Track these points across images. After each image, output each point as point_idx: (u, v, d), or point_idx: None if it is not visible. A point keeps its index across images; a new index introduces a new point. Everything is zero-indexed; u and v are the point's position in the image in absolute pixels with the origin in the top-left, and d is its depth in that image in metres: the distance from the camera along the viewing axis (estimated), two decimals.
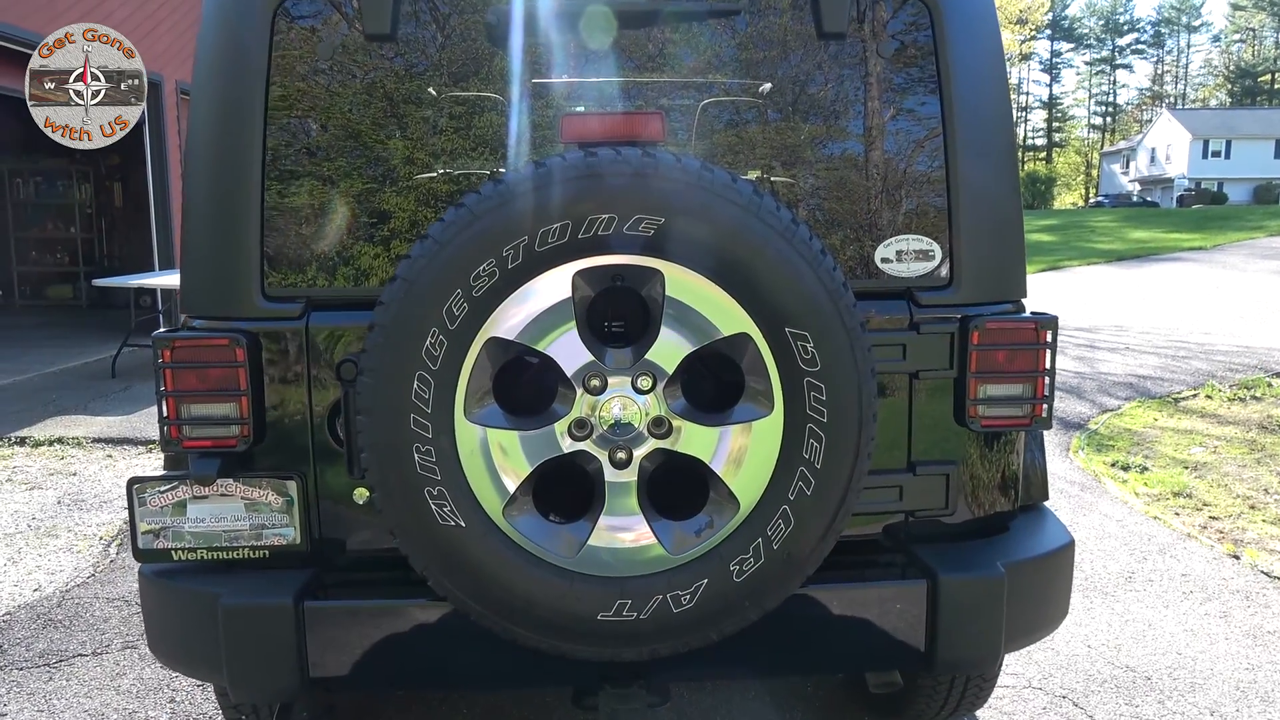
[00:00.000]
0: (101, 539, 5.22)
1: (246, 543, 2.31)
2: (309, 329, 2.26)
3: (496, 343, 1.94)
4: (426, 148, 2.33)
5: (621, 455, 2.00)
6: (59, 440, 7.26)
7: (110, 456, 6.91)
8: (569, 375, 1.97)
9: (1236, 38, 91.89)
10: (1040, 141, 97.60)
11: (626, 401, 1.98)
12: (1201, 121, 69.00)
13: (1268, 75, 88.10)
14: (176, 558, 2.31)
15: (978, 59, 2.36)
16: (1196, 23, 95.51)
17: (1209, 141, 66.38)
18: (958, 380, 2.35)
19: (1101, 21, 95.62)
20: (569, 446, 2.00)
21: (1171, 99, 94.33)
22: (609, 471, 2.00)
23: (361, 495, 2.27)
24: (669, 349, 1.97)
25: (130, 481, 2.32)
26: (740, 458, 1.99)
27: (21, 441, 7.28)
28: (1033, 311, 2.44)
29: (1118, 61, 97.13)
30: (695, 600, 1.99)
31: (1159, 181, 69.55)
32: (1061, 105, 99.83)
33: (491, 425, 1.97)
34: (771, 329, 1.93)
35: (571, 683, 2.33)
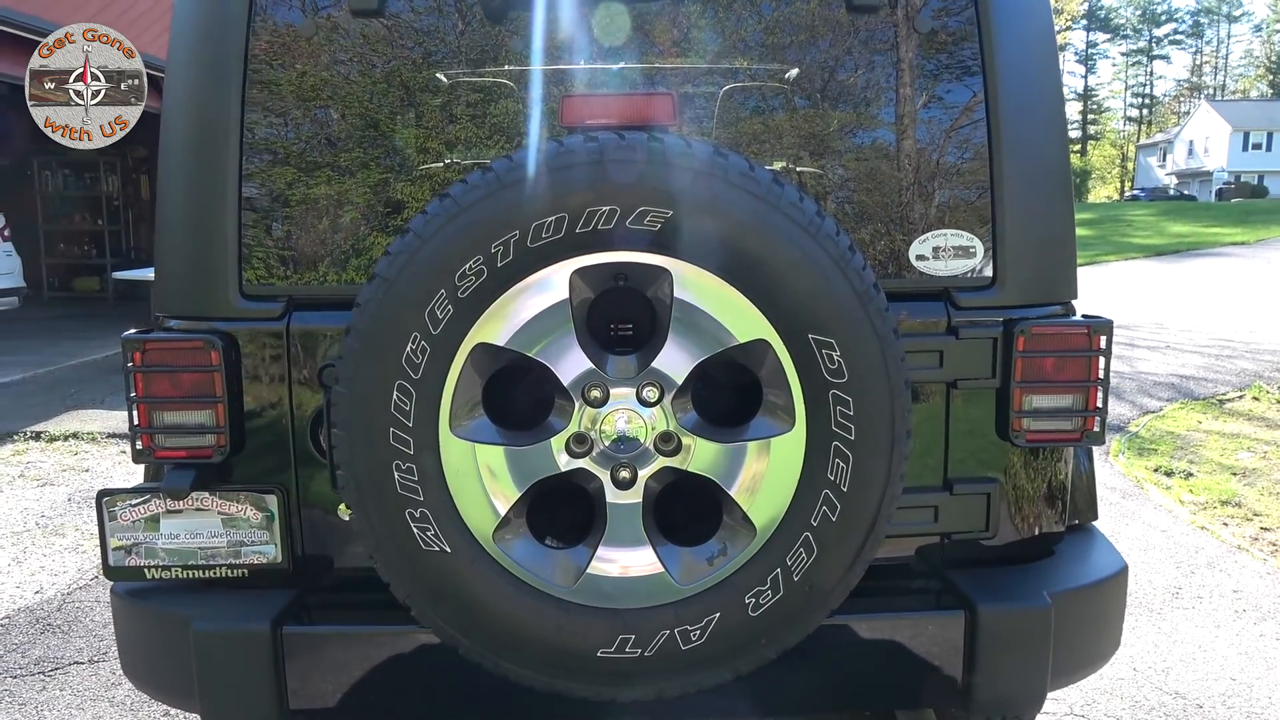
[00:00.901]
0: None
1: (224, 560, 2.15)
2: (290, 330, 2.10)
3: (485, 349, 1.75)
4: (419, 134, 2.15)
5: (625, 474, 1.81)
6: (74, 435, 7.20)
7: (124, 453, 6.82)
8: (566, 385, 1.78)
9: (1278, 27, 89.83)
10: (1075, 134, 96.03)
11: (630, 415, 1.79)
12: (1242, 113, 67.75)
13: None
14: (149, 576, 2.17)
15: (1026, 33, 2.14)
16: (1237, 12, 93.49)
17: (1249, 134, 65.11)
18: (1000, 390, 2.14)
19: (1139, 11, 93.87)
20: (566, 464, 1.81)
21: (1210, 90, 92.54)
22: (611, 492, 1.81)
23: (347, 511, 2.09)
24: (677, 357, 1.77)
25: (100, 494, 2.17)
26: (757, 478, 1.79)
27: (37, 436, 7.22)
28: (1084, 314, 2.22)
29: (1155, 52, 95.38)
30: (706, 636, 1.80)
31: (1197, 174, 68.40)
32: (1097, 97, 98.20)
33: (480, 440, 1.78)
34: (792, 335, 1.73)
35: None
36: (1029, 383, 2.12)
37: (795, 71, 2.17)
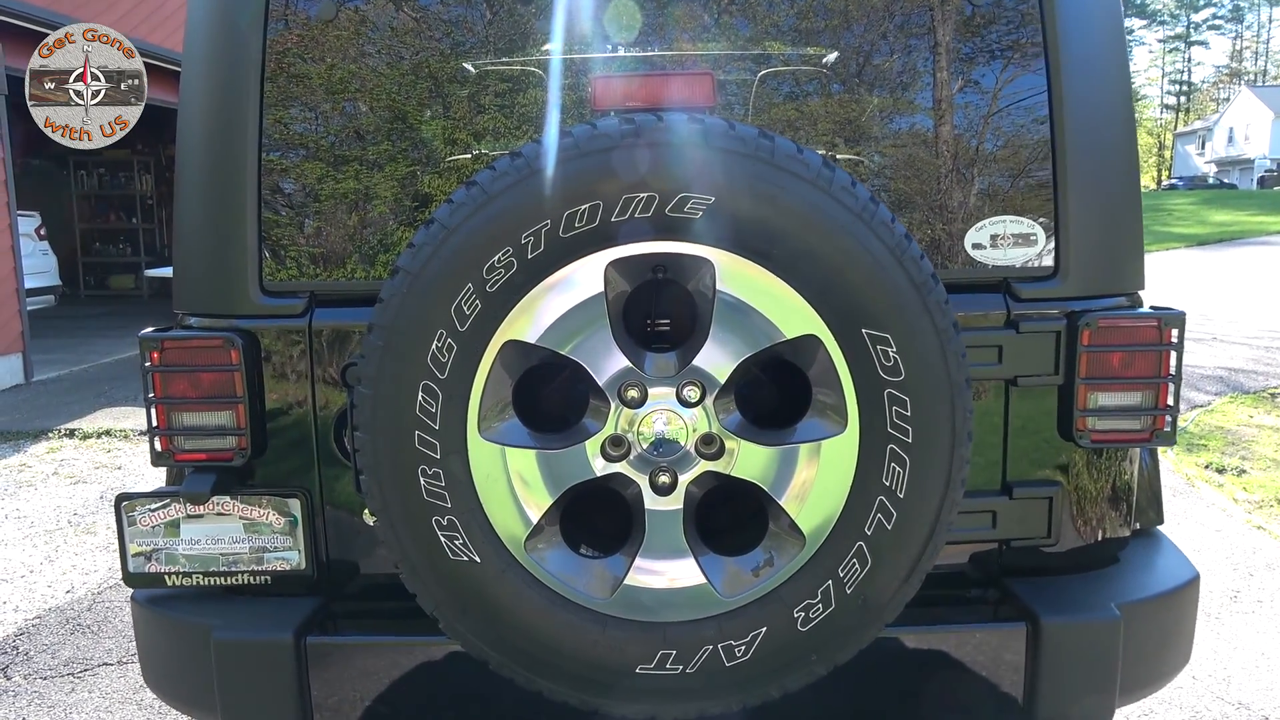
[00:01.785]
0: None
1: (245, 567, 2.07)
2: (313, 327, 2.00)
3: (515, 347, 1.64)
4: (443, 123, 2.04)
5: (664, 479, 1.69)
6: (107, 433, 7.21)
7: None
8: (601, 385, 1.66)
9: None
10: None
11: (670, 416, 1.67)
12: None
13: None
14: (170, 583, 2.09)
15: (1090, 3, 1.99)
16: None
17: None
18: (1063, 387, 2.00)
19: None
20: (602, 469, 1.69)
21: (1251, 76, 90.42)
22: (649, 498, 1.70)
23: (373, 516, 2.00)
24: (720, 354, 1.65)
25: (118, 498, 2.10)
26: (806, 484, 1.67)
27: (71, 434, 7.25)
28: (1153, 305, 2.07)
29: (1193, 38, 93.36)
30: (752, 652, 1.68)
31: (1237, 162, 66.92)
32: (1133, 85, 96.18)
33: (510, 444, 1.67)
34: (845, 330, 1.60)
35: None
36: (1094, 379, 1.98)
37: (835, 55, 2.05)
